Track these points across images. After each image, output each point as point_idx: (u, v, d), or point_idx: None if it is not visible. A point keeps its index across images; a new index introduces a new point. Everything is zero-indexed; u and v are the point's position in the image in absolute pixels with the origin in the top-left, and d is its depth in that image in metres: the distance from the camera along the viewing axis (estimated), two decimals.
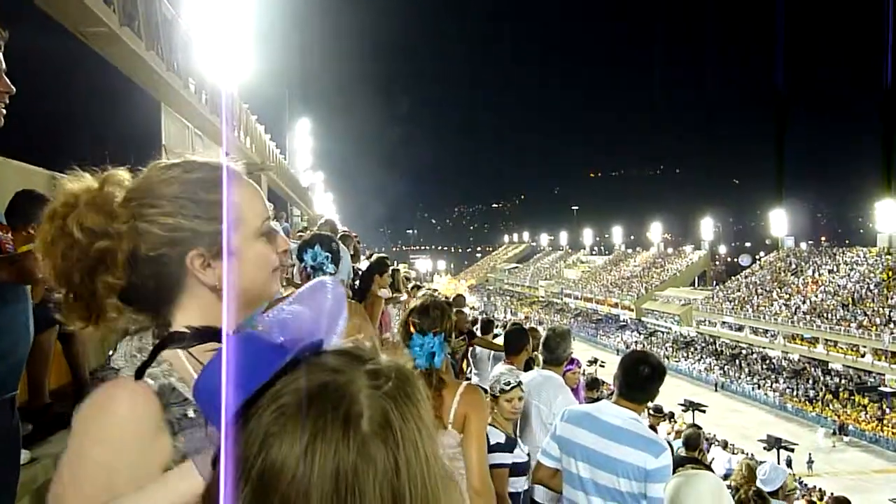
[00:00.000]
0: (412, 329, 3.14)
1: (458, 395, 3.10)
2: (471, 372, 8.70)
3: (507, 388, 4.31)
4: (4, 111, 2.32)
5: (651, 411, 12.44)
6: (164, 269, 1.23)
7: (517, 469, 4.09)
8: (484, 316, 15.81)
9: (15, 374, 2.43)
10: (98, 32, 10.20)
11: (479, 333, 9.53)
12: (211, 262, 1.24)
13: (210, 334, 1.05)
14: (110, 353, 1.25)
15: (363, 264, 8.25)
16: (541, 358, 5.67)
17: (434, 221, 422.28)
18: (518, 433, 4.73)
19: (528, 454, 4.23)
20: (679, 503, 5.82)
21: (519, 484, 4.15)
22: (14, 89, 2.33)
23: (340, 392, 0.79)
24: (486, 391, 4.08)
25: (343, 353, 0.87)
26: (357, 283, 6.26)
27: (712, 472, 5.06)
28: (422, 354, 3.07)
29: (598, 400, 4.83)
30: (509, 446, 4.07)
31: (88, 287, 1.19)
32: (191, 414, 1.16)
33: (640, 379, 3.66)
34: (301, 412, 0.77)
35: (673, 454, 8.56)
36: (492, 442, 4.00)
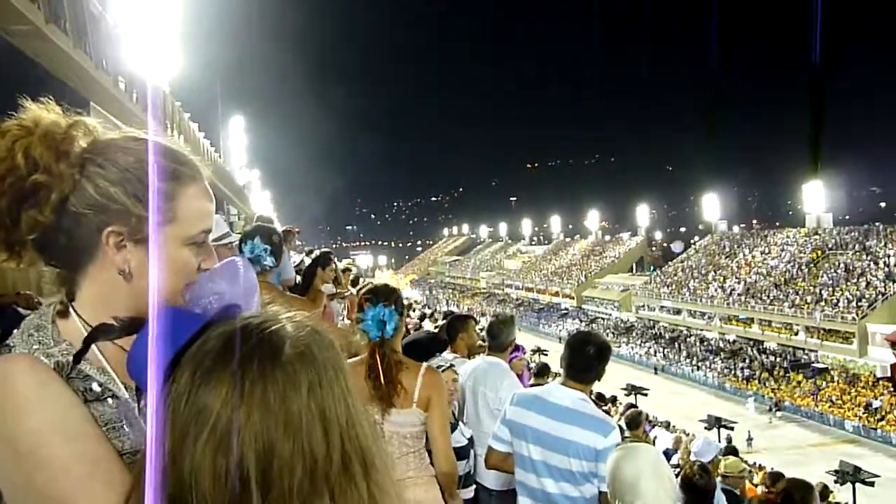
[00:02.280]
0: (363, 304, 3.18)
1: (421, 377, 3.18)
2: None
3: (440, 370, 4.29)
4: None
5: (594, 398, 12.54)
6: (81, 231, 1.15)
7: (457, 452, 4.00)
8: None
9: None
10: (22, 30, 9.81)
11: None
12: (127, 245, 1.16)
13: (137, 326, 1.05)
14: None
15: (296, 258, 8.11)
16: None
17: (373, 216, 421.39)
18: (463, 418, 4.76)
19: (470, 438, 4.28)
20: (619, 475, 5.92)
21: (459, 467, 4.13)
22: None
23: (262, 329, 0.82)
24: None
25: (261, 312, 0.89)
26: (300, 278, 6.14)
27: (652, 445, 5.13)
28: (373, 325, 3.11)
29: None
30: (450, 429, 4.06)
31: (12, 216, 1.12)
32: (95, 388, 1.11)
33: (585, 359, 3.68)
34: (225, 351, 0.80)
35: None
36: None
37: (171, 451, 0.77)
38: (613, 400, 29.19)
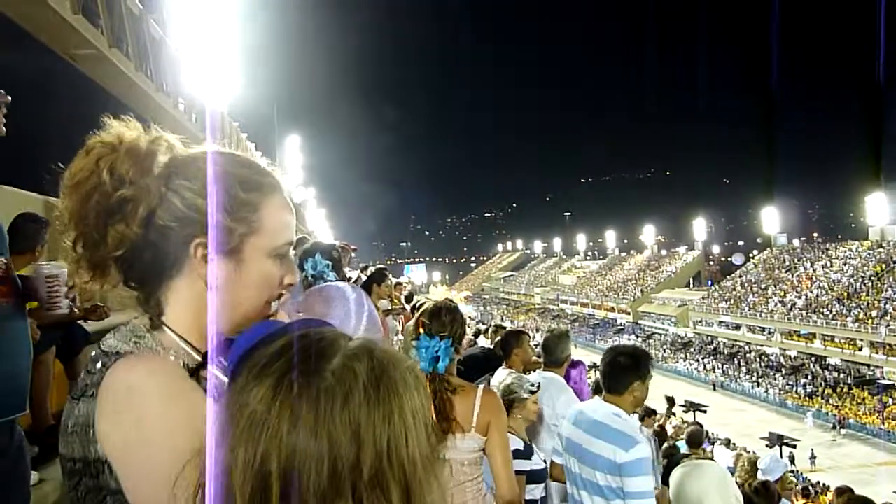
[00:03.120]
0: (421, 330, 3.12)
1: (478, 399, 3.07)
2: None
3: (534, 389, 4.27)
4: (4, 120, 2.36)
5: (642, 413, 12.44)
6: (168, 244, 1.17)
7: (534, 476, 4.02)
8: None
9: (21, 394, 2.44)
10: (87, 55, 10.24)
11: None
12: (216, 258, 1.18)
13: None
14: (97, 351, 1.18)
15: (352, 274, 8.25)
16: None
17: (427, 233, 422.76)
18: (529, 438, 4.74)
19: (545, 461, 4.17)
20: (684, 493, 5.89)
21: (536, 492, 4.07)
22: (9, 98, 2.37)
23: (318, 341, 0.82)
24: None
25: (340, 332, 0.88)
26: None
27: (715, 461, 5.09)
28: (426, 357, 3.05)
29: None
30: (527, 453, 4.01)
31: (99, 232, 1.16)
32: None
33: (616, 371, 3.68)
34: (278, 356, 0.81)
35: (678, 452, 8.56)
36: (511, 448, 3.97)
37: (220, 445, 0.79)
38: (670, 412, 28.94)
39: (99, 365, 1.13)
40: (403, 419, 0.80)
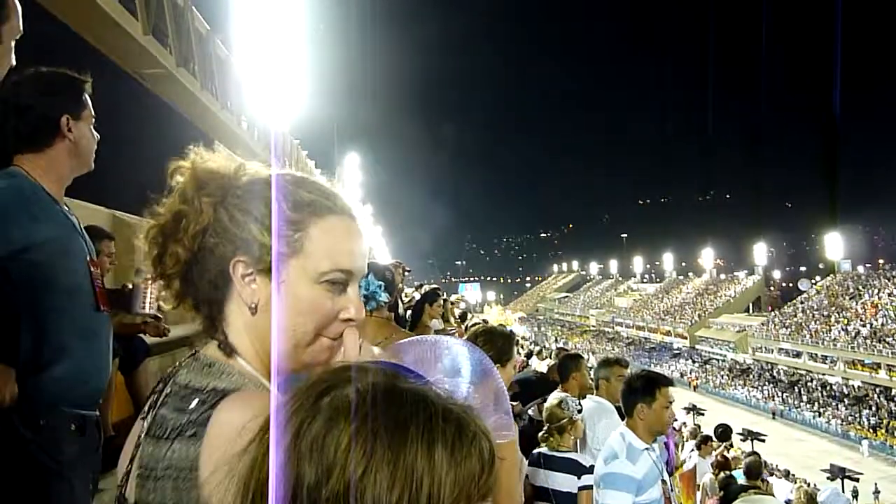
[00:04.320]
0: None
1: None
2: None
3: (580, 408, 4.51)
4: (94, 156, 2.51)
5: (699, 441, 12.27)
6: (214, 263, 1.14)
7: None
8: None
9: (95, 398, 2.56)
10: (155, 74, 10.60)
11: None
12: (256, 279, 1.13)
13: None
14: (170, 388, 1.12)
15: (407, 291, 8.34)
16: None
17: (482, 252, 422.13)
18: None
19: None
20: None
21: None
22: (98, 137, 2.52)
23: (329, 373, 0.78)
24: None
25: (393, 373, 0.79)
26: (407, 312, 6.37)
27: (773, 496, 5.04)
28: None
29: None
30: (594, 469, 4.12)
31: (161, 248, 1.15)
32: None
33: (625, 394, 3.88)
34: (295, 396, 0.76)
35: (735, 482, 8.49)
36: (586, 465, 4.15)
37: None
38: (727, 443, 28.40)
39: (195, 403, 1.06)
40: (383, 458, 0.69)
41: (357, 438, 0.69)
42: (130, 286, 4.05)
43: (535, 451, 4.45)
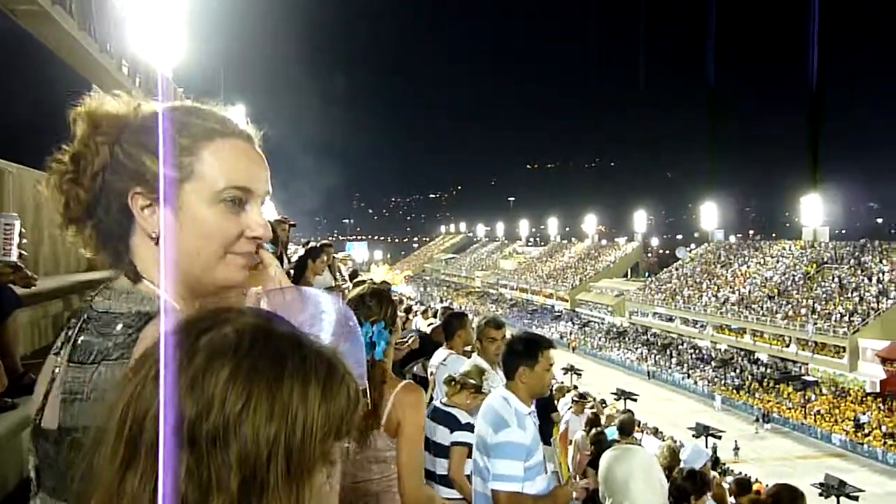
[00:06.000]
0: None
1: (392, 396, 2.92)
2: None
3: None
4: None
5: (574, 397, 12.57)
6: (115, 199, 1.14)
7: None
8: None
9: None
10: (29, 10, 9.81)
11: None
12: (155, 208, 1.12)
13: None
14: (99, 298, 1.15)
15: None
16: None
17: (370, 211, 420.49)
18: None
19: None
20: (611, 476, 6.09)
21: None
22: None
23: (200, 325, 0.78)
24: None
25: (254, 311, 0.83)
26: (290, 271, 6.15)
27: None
28: None
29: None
30: (471, 427, 4.08)
31: (61, 191, 1.14)
32: None
33: (507, 356, 3.86)
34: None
35: (605, 439, 8.73)
36: (463, 421, 4.19)
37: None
38: (602, 402, 29.44)
39: (120, 328, 1.10)
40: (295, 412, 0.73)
41: (235, 376, 0.71)
42: None
43: (432, 403, 4.49)
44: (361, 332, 3.00)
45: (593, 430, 9.89)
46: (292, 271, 6.40)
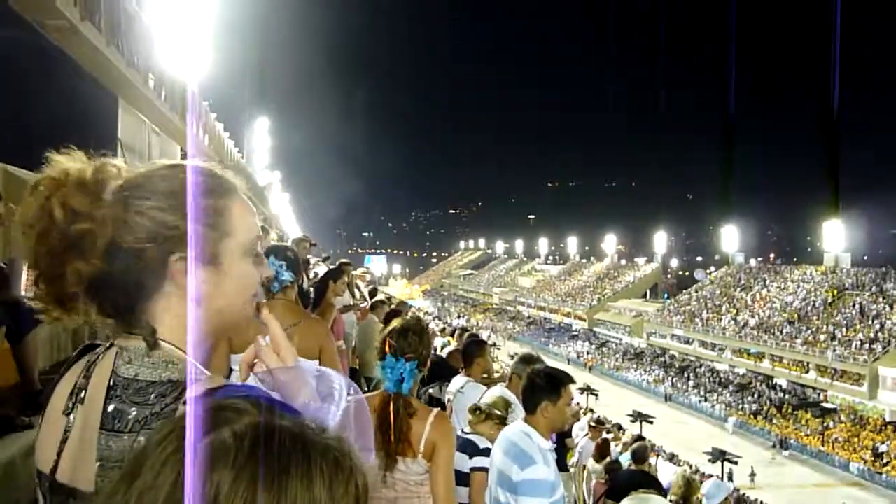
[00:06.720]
0: (388, 349, 3.13)
1: (429, 424, 3.07)
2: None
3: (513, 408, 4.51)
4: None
5: (591, 423, 12.51)
6: (144, 265, 1.15)
7: None
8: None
9: None
10: (58, 25, 10.01)
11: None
12: (196, 270, 1.17)
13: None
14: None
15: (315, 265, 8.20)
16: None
17: (391, 224, 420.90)
18: None
19: None
20: None
21: None
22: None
23: (221, 406, 0.78)
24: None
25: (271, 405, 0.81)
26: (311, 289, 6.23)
27: (664, 496, 5.13)
28: (391, 378, 3.08)
29: None
30: (488, 452, 4.09)
31: (56, 270, 1.15)
32: None
33: (530, 390, 3.79)
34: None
35: (620, 468, 8.67)
36: (481, 446, 4.15)
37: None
38: (619, 427, 29.25)
39: (153, 397, 1.11)
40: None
41: (236, 487, 0.69)
42: (4, 265, 3.85)
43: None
44: (393, 369, 3.17)
45: (606, 459, 9.83)
46: (312, 290, 6.48)
